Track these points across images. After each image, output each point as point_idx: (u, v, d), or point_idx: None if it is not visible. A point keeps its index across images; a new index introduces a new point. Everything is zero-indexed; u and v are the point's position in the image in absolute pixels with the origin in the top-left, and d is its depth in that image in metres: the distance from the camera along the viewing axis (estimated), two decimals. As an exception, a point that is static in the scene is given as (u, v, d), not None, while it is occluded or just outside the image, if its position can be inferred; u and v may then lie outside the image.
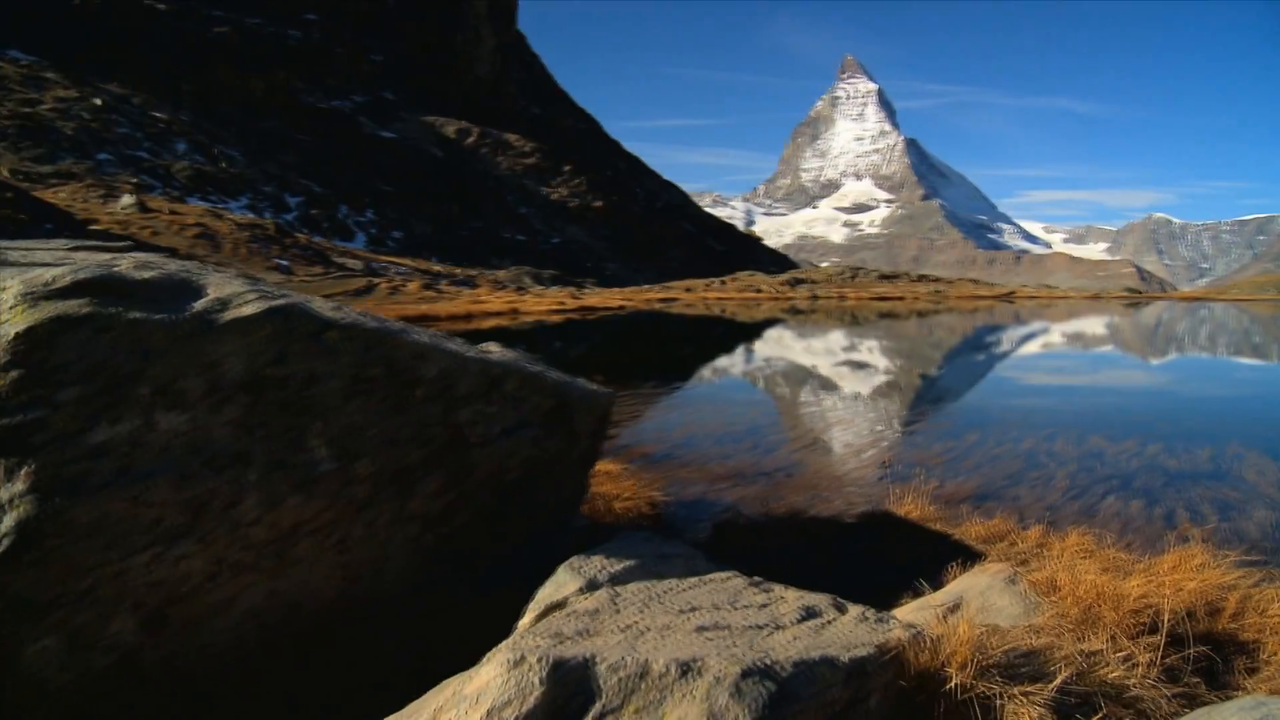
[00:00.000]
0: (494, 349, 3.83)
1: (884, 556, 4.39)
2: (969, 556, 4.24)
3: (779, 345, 23.77)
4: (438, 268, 64.74)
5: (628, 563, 2.88)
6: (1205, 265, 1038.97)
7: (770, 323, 37.12)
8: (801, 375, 16.11)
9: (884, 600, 3.47)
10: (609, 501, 5.27)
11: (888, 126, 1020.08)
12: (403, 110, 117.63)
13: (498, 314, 36.24)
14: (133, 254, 2.86)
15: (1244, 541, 5.22)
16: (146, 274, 2.41)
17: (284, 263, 44.12)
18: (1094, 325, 40.21)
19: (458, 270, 65.04)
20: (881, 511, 5.19)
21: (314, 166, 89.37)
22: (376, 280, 43.44)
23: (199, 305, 2.39)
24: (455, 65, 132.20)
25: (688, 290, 75.98)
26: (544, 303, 42.61)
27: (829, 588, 3.57)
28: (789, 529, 5.01)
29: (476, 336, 16.12)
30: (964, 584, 3.31)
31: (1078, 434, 8.75)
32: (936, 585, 3.61)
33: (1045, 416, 10.18)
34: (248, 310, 2.43)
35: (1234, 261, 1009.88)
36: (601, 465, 5.95)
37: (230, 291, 2.50)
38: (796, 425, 9.18)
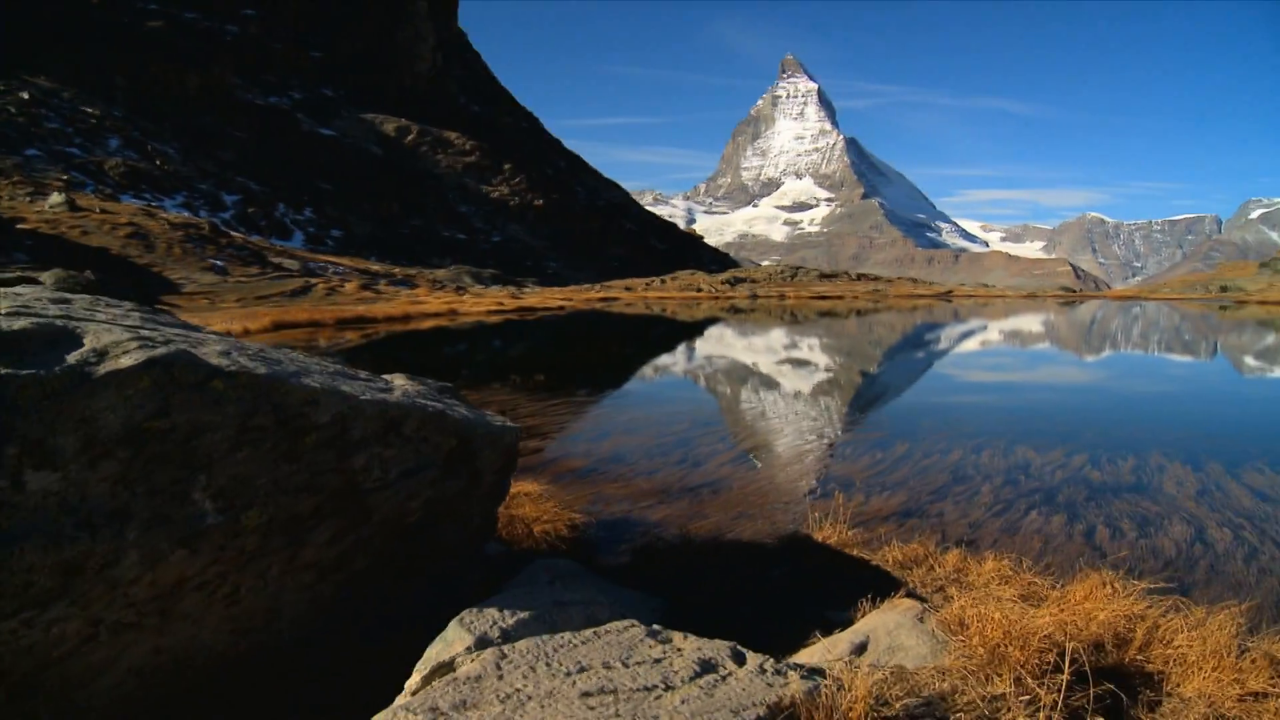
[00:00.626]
0: (399, 382, 3.75)
1: (800, 586, 4.37)
2: (885, 585, 4.22)
3: (715, 348, 23.80)
4: (376, 267, 64.22)
5: (522, 615, 2.79)
6: (1138, 264, 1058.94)
7: (709, 323, 37.24)
8: (736, 380, 16.14)
9: (794, 637, 3.44)
10: (529, 524, 5.21)
11: (828, 125, 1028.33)
12: (342, 107, 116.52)
13: (436, 315, 36.02)
14: (14, 290, 2.76)
15: (1160, 559, 5.32)
16: (18, 324, 2.31)
17: (219, 263, 43.54)
18: (1028, 324, 40.74)
19: (397, 270, 64.54)
20: (801, 536, 5.17)
21: (251, 164, 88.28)
22: (314, 280, 42.97)
23: (74, 357, 2.29)
24: (396, 62, 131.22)
25: (628, 289, 76.02)
26: (483, 303, 42.38)
27: (741, 624, 3.54)
28: (707, 554, 4.97)
29: (414, 338, 16.08)
30: (873, 621, 3.28)
31: (1005, 444, 8.82)
32: (848, 621, 3.59)
33: (975, 424, 10.26)
34: (126, 361, 2.32)
35: (1165, 260, 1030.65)
36: (523, 486, 5.91)
37: (109, 341, 2.40)
38: (727, 436, 9.16)
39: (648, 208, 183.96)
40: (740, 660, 2.56)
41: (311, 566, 2.76)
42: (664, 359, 21.06)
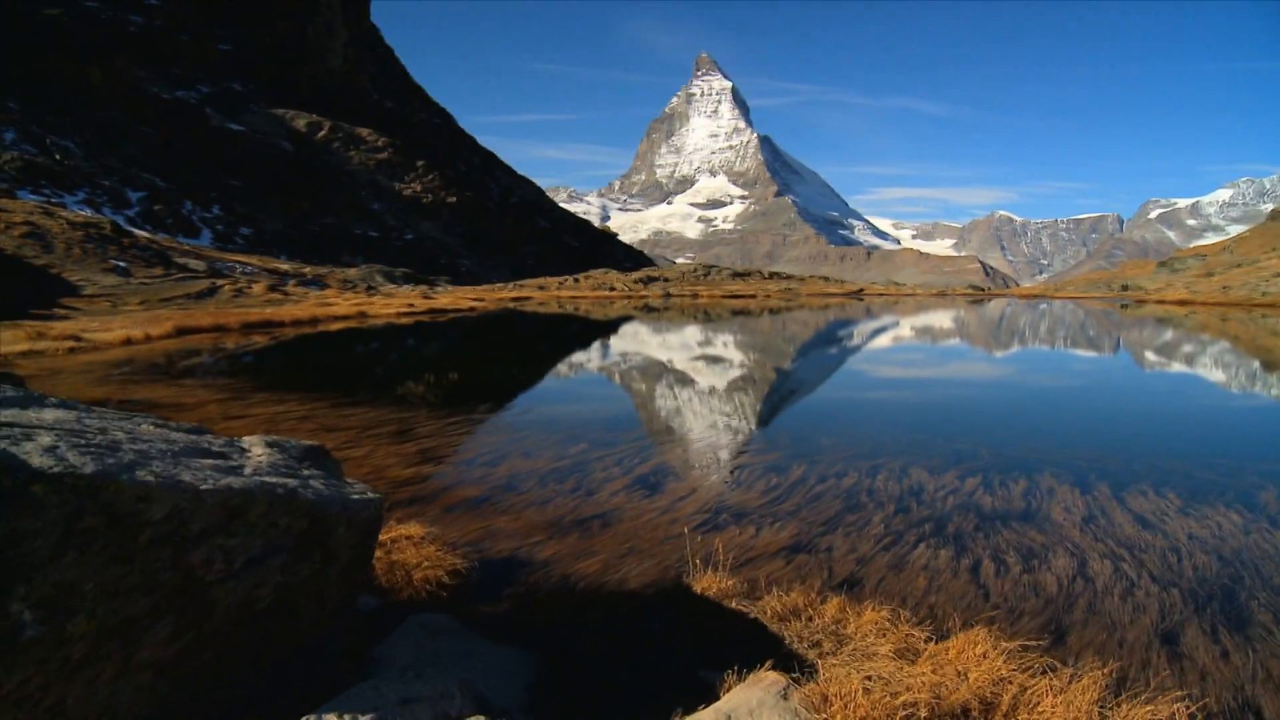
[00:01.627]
0: (257, 452, 3.63)
1: (678, 642, 4.32)
2: (762, 641, 4.23)
3: (623, 353, 23.80)
4: (286, 266, 63.30)
5: (363, 720, 2.71)
6: (1045, 261, 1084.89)
7: (620, 322, 37.36)
8: (638, 393, 16.15)
9: (663, 708, 3.39)
10: (409, 571, 5.12)
11: (742, 124, 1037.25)
12: (251, 102, 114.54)
13: (345, 318, 35.56)
14: None
15: (1041, 597, 5.37)
16: None
17: (122, 264, 42.55)
18: (936, 323, 41.42)
19: (307, 269, 63.67)
20: (683, 586, 5.11)
21: (157, 160, 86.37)
22: (220, 282, 42.20)
23: None
24: (307, 57, 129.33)
25: (541, 289, 75.83)
26: (393, 305, 41.97)
27: (614, 688, 3.51)
28: (590, 601, 4.94)
29: (322, 342, 15.85)
30: (736, 699, 3.24)
31: (901, 465, 8.90)
32: (714, 694, 3.55)
33: (874, 440, 10.35)
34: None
35: (1070, 258, 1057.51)
36: (407, 528, 5.83)
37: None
38: (624, 459, 9.08)
39: (562, 205, 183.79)
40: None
41: (148, 666, 2.64)
42: (571, 366, 20.98)
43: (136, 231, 57.88)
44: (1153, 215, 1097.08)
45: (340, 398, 13.42)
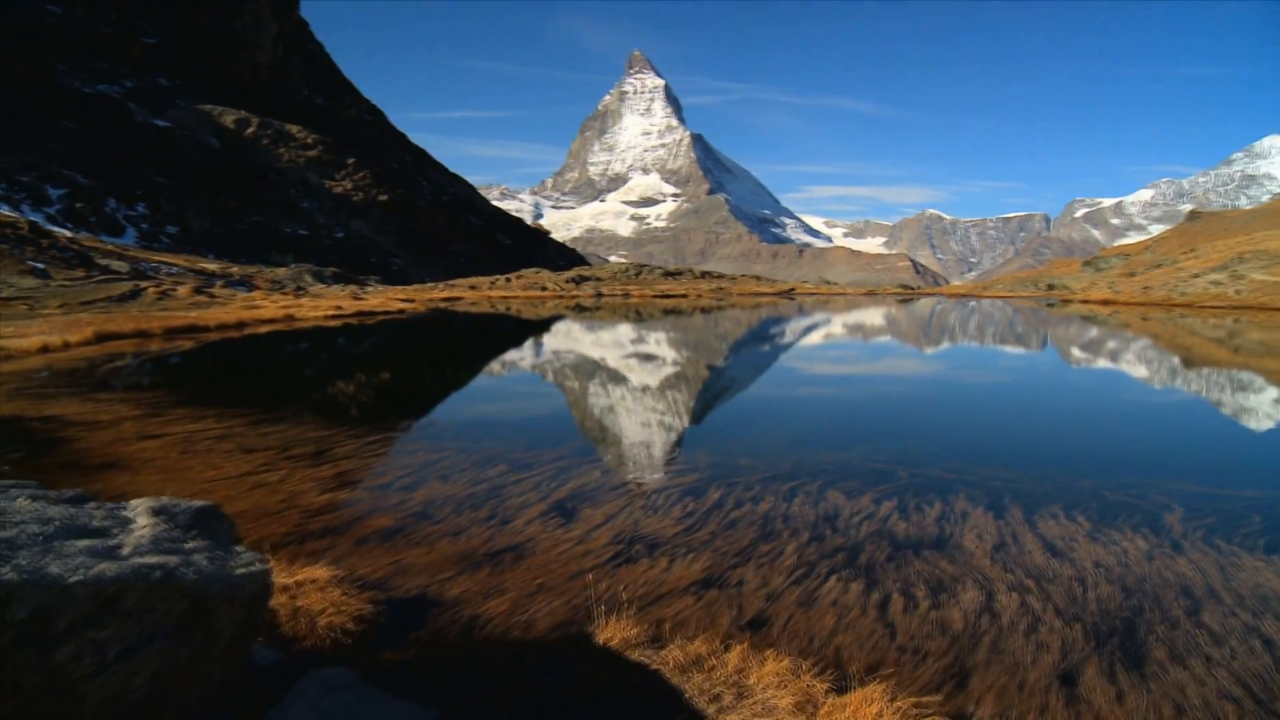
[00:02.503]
0: (142, 523, 3.56)
1: (576, 698, 4.28)
2: (661, 696, 4.23)
3: (548, 359, 23.75)
4: (213, 267, 62.41)
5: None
6: (974, 259, 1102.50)
7: (550, 322, 37.11)
8: (561, 402, 16.25)
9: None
10: (313, 619, 5.05)
11: (674, 122, 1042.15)
12: (177, 97, 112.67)
13: (272, 321, 35.12)
14: None
15: (947, 635, 5.40)
16: None
17: (40, 266, 41.66)
18: (864, 323, 41.72)
19: (234, 269, 62.81)
20: (585, 634, 5.07)
21: (79, 156, 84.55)
22: (144, 284, 41.48)
23: None
24: (234, 51, 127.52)
25: (472, 288, 75.55)
26: (321, 307, 41.53)
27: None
28: (494, 648, 4.89)
29: (249, 346, 15.67)
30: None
31: (819, 488, 8.94)
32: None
33: (793, 460, 10.40)
34: None
35: (999, 256, 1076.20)
36: (313, 571, 5.75)
37: None
38: (540, 482, 9.02)
39: (495, 202, 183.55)
40: None
41: (12, 772, 2.59)
42: (496, 373, 20.92)
43: (57, 231, 56.62)
44: (1078, 214, 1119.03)
45: (260, 413, 13.24)
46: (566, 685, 4.43)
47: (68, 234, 59.42)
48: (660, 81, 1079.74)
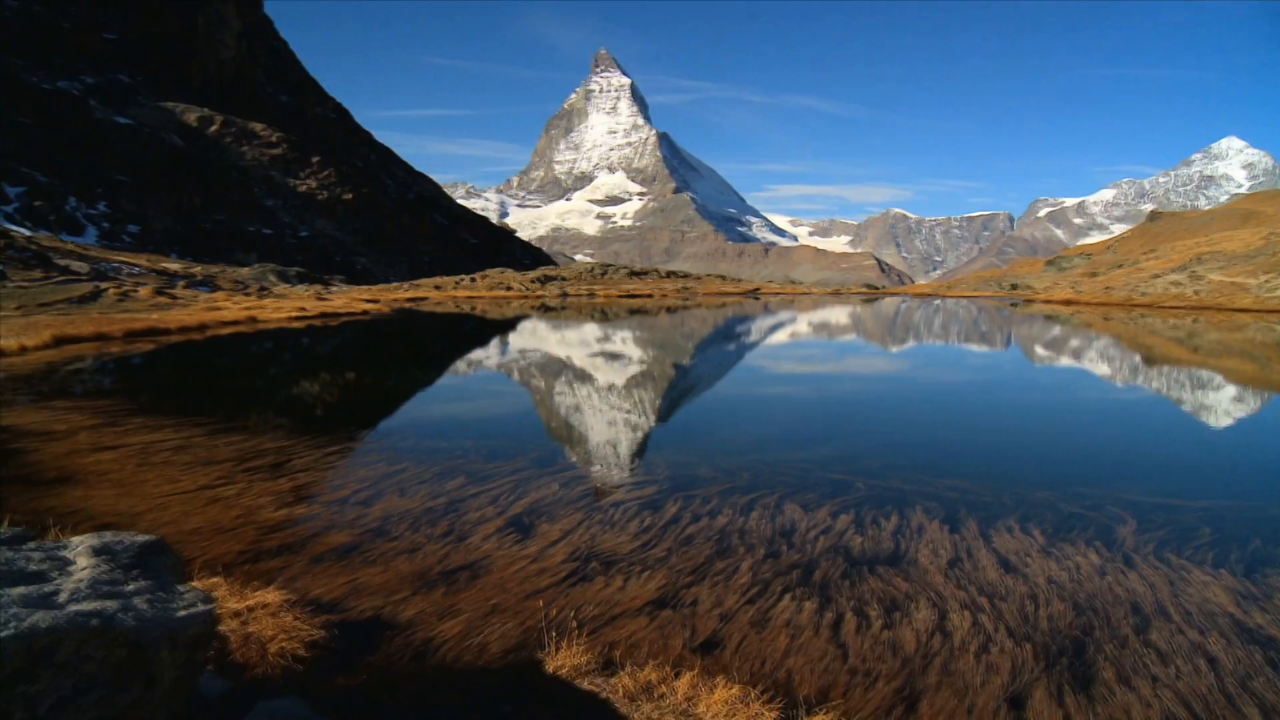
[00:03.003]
0: (82, 564, 3.51)
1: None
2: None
3: (510, 362, 23.71)
4: (175, 266, 61.82)
5: None
6: (938, 258, 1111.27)
7: (515, 322, 36.95)
8: (520, 409, 16.26)
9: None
10: (264, 645, 5.02)
11: (640, 120, 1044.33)
12: (139, 94, 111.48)
13: (234, 323, 34.88)
14: None
15: (899, 656, 5.47)
16: None
17: (-3, 266, 41.11)
18: (829, 323, 41.84)
19: (197, 269, 62.26)
20: (537, 661, 5.05)
21: (37, 153, 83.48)
22: (105, 285, 41.05)
23: None
24: (197, 48, 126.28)
25: (437, 288, 75.36)
26: (285, 308, 41.29)
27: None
28: (445, 676, 4.87)
29: (211, 349, 15.54)
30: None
31: (776, 500, 8.97)
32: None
33: (751, 471, 10.42)
34: None
35: (963, 255, 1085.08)
36: (266, 595, 5.72)
37: None
38: (499, 495, 8.98)
39: (460, 201, 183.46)
40: None
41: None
42: (457, 377, 20.91)
43: (14, 230, 55.94)
44: (1041, 214, 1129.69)
45: (219, 421, 13.16)
46: (517, 715, 4.42)
47: (26, 233, 58.70)
48: (626, 80, 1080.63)
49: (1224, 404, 18.27)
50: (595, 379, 20.39)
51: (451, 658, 5.16)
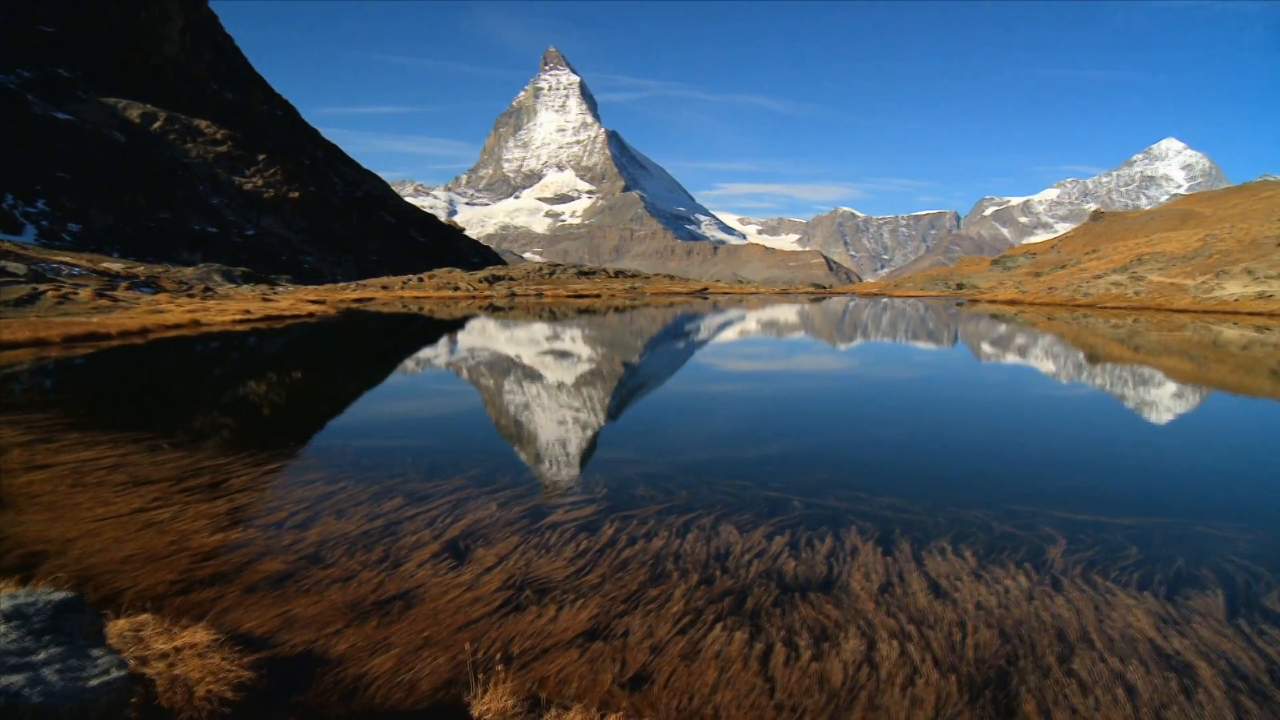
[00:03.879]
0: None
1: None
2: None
3: (456, 366, 23.66)
4: (117, 266, 60.98)
5: None
6: (886, 256, 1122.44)
7: (463, 322, 36.76)
8: (464, 419, 16.22)
9: None
10: (191, 689, 4.98)
11: (589, 118, 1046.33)
12: (79, 89, 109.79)
13: (177, 326, 34.50)
14: None
15: (825, 690, 5.46)
16: None
17: (-70, 268, 40.37)
18: (777, 323, 41.98)
19: (140, 269, 61.45)
20: (463, 705, 5.09)
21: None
22: (43, 287, 40.35)
23: None
24: (140, 43, 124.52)
25: (384, 289, 75.00)
26: (229, 311, 40.88)
27: None
28: (373, 717, 4.91)
29: (152, 353, 15.35)
30: None
31: (713, 521, 9.00)
32: None
33: (689, 488, 10.45)
34: None
35: (911, 253, 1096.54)
36: (194, 634, 5.68)
37: None
38: (436, 517, 8.94)
39: (408, 199, 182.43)
40: None
41: None
42: (401, 384, 20.87)
43: (-51, 231, 55.04)
44: (988, 212, 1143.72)
45: (157, 436, 13.02)
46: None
47: (-38, 233, 57.69)
48: (575, 78, 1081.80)
49: (1160, 412, 18.60)
50: (539, 386, 20.41)
51: (381, 697, 5.16)
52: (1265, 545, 8.59)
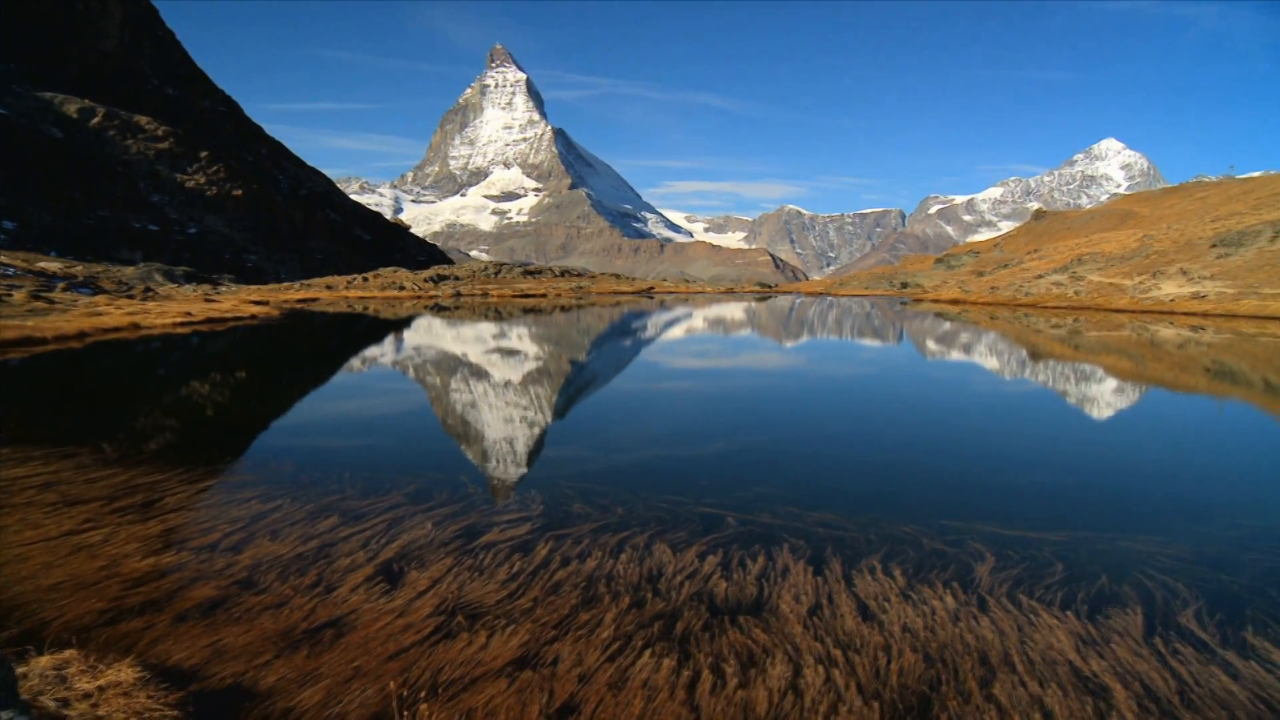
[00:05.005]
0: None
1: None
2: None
3: (398, 370, 23.54)
4: (55, 266, 60.00)
5: None
6: (832, 254, 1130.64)
7: (407, 322, 36.55)
8: (402, 428, 16.12)
9: None
10: (116, 730, 5.01)
11: (536, 116, 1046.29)
12: (13, 83, 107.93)
13: (116, 329, 34.00)
14: None
15: (750, 717, 5.55)
16: None
17: None
18: (723, 320, 42.14)
19: (78, 268, 60.49)
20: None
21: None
22: (-25, 289, 39.57)
23: None
24: (77, 36, 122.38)
25: (329, 288, 74.51)
26: (170, 313, 40.43)
27: None
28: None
29: (89, 360, 15.14)
30: None
31: (647, 540, 9.04)
32: None
33: (625, 505, 10.48)
34: None
35: (856, 251, 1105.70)
36: (119, 672, 5.66)
37: None
38: (370, 538, 8.90)
39: (353, 196, 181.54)
40: None
41: None
42: (342, 391, 20.73)
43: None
44: (932, 211, 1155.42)
45: (91, 451, 12.85)
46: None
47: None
48: (522, 75, 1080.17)
49: (1095, 413, 18.94)
50: (481, 389, 20.38)
51: (304, 737, 5.18)
52: (1184, 560, 8.77)
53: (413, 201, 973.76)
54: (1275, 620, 7.25)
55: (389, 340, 34.73)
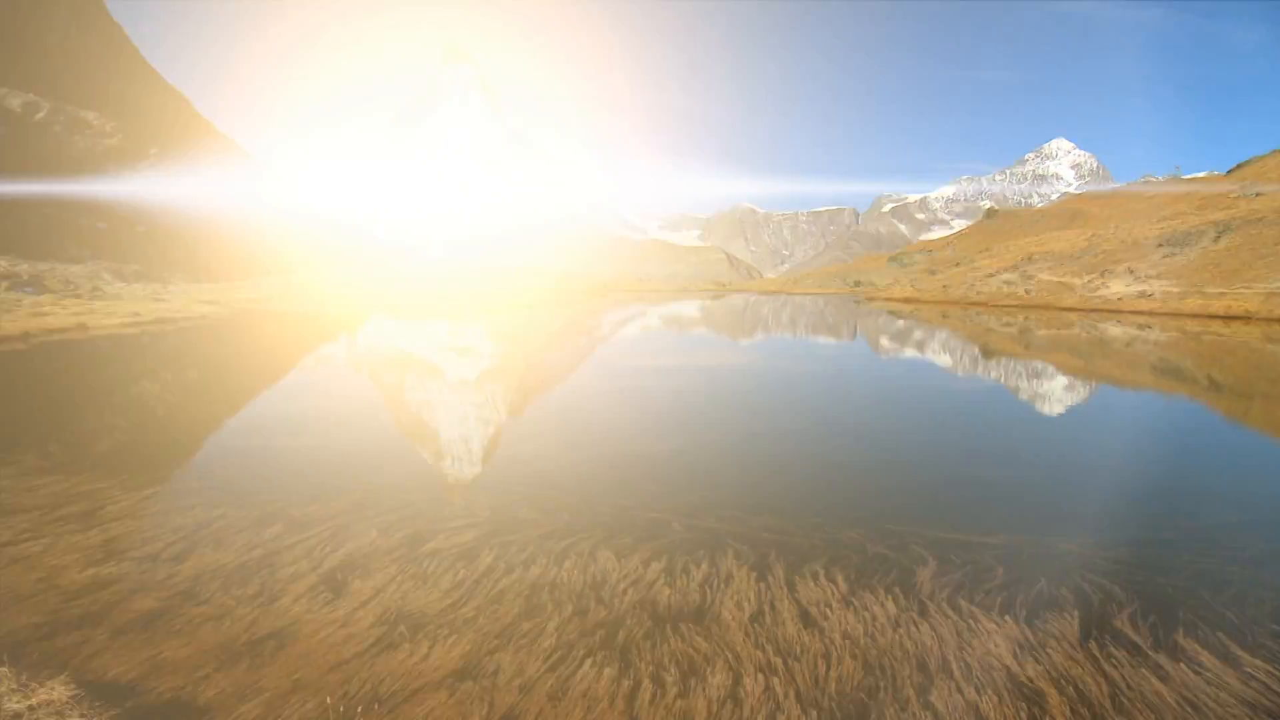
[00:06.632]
0: None
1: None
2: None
3: (345, 368, 23.32)
4: (-1, 265, 59.04)
5: None
6: (786, 252, 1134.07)
7: (360, 324, 36.34)
8: (349, 430, 15.89)
9: None
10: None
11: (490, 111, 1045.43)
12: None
13: (62, 330, 33.57)
14: None
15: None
16: None
17: None
18: (681, 315, 42.20)
19: (23, 267, 59.78)
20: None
21: None
22: (-84, 289, 38.87)
23: None
24: (19, 29, 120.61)
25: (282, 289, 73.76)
26: (118, 313, 40.21)
27: None
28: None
29: (34, 363, 14.98)
30: None
31: (591, 547, 9.01)
32: None
33: (572, 509, 10.45)
34: None
35: (811, 249, 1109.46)
36: (51, 691, 5.62)
37: None
38: (315, 546, 8.81)
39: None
40: None
41: None
42: (288, 391, 20.61)
43: None
44: (886, 209, 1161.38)
45: (33, 457, 12.68)
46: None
47: None
48: (476, 72, 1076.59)
49: (1042, 411, 19.22)
50: (434, 388, 20.30)
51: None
52: (1121, 562, 8.87)
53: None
54: (1205, 622, 7.35)
55: (344, 338, 34.52)
